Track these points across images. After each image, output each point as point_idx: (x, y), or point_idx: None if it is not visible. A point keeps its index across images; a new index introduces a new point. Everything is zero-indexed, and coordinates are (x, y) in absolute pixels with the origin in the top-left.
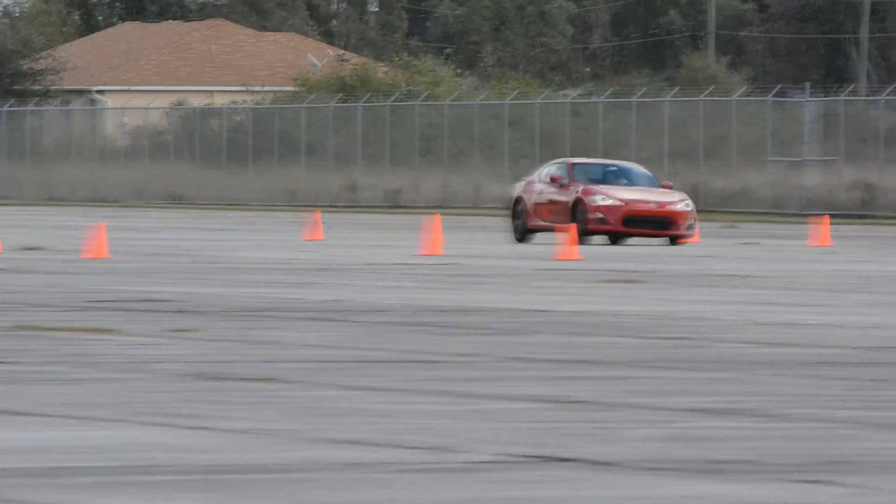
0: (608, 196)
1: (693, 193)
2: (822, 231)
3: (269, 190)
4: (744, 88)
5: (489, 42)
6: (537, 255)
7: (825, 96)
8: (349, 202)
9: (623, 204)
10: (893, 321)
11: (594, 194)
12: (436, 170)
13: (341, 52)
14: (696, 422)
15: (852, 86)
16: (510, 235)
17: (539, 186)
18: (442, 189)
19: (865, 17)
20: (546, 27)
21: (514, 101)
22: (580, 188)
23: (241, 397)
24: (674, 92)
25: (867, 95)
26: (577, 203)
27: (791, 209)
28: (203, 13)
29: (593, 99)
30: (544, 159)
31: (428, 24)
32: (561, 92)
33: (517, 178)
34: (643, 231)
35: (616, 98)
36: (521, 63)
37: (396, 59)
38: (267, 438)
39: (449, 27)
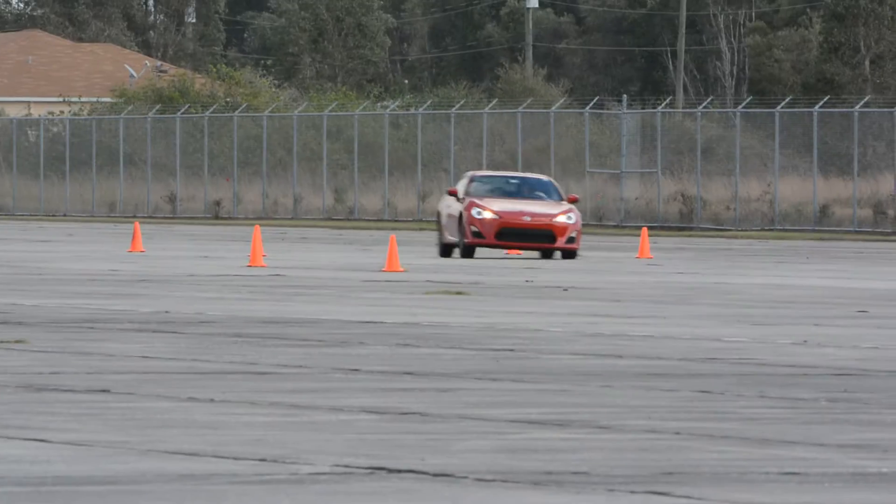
0: (484, 209)
1: None
2: (641, 243)
3: (88, 201)
4: (562, 100)
5: (308, 54)
6: (362, 266)
7: (642, 108)
8: (169, 213)
9: (497, 217)
10: (717, 332)
11: (473, 207)
12: (255, 181)
13: (159, 62)
14: (526, 433)
15: (669, 98)
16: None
17: (448, 200)
18: (262, 200)
19: (682, 31)
20: (364, 39)
21: (333, 113)
22: (467, 202)
23: (69, 409)
24: (492, 104)
25: (684, 108)
26: (461, 217)
27: (610, 221)
28: (19, 24)
29: (412, 111)
30: (363, 171)
31: (246, 35)
32: (380, 104)
33: (337, 191)
34: (518, 244)
35: (435, 110)
36: (340, 75)
37: (214, 70)
38: (96, 450)
39: (267, 39)
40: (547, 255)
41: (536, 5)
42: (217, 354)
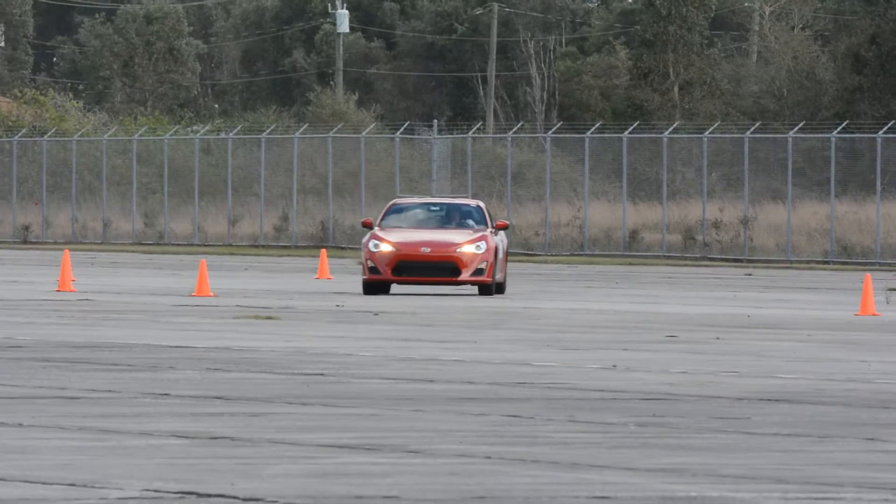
0: (383, 241)
1: (323, 230)
2: None
3: None
4: (373, 125)
5: (118, 78)
6: (172, 290)
7: (453, 134)
8: None
9: (395, 249)
10: (527, 357)
11: (372, 239)
12: (65, 205)
13: None
14: (337, 458)
15: (480, 123)
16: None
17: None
18: (71, 225)
19: (492, 57)
20: (175, 64)
21: (143, 137)
22: (370, 234)
23: None
24: (303, 129)
25: (494, 133)
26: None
27: None
28: None
29: (222, 135)
30: (173, 196)
31: (55, 59)
32: (190, 128)
33: (147, 215)
34: (418, 279)
35: (245, 134)
36: (150, 99)
37: (20, 94)
38: None
39: (77, 63)
40: (485, 290)
41: (347, 30)
42: (26, 379)
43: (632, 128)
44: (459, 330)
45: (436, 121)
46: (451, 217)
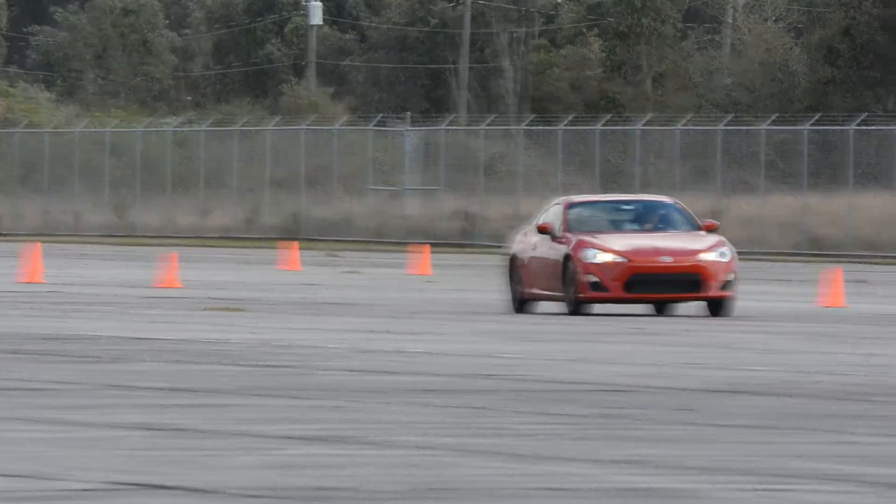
0: (605, 250)
1: (294, 222)
2: (422, 260)
3: None
4: (345, 118)
5: (91, 70)
6: (141, 282)
7: (426, 126)
8: None
9: (626, 260)
10: (493, 349)
11: (586, 248)
12: (36, 197)
13: None
14: (298, 449)
15: (452, 116)
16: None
17: (534, 239)
18: (43, 217)
19: (465, 49)
20: (149, 56)
21: (116, 129)
22: (573, 240)
23: None
24: (276, 121)
25: (467, 125)
26: (567, 262)
27: (392, 238)
28: None
29: (195, 127)
30: (146, 187)
31: (28, 50)
32: (163, 120)
33: (118, 207)
34: (656, 296)
35: (218, 127)
36: (124, 91)
37: None
38: None
39: (50, 54)
40: (724, 310)
41: (320, 22)
42: None
43: (604, 120)
44: (427, 322)
45: (409, 113)
46: (651, 217)
